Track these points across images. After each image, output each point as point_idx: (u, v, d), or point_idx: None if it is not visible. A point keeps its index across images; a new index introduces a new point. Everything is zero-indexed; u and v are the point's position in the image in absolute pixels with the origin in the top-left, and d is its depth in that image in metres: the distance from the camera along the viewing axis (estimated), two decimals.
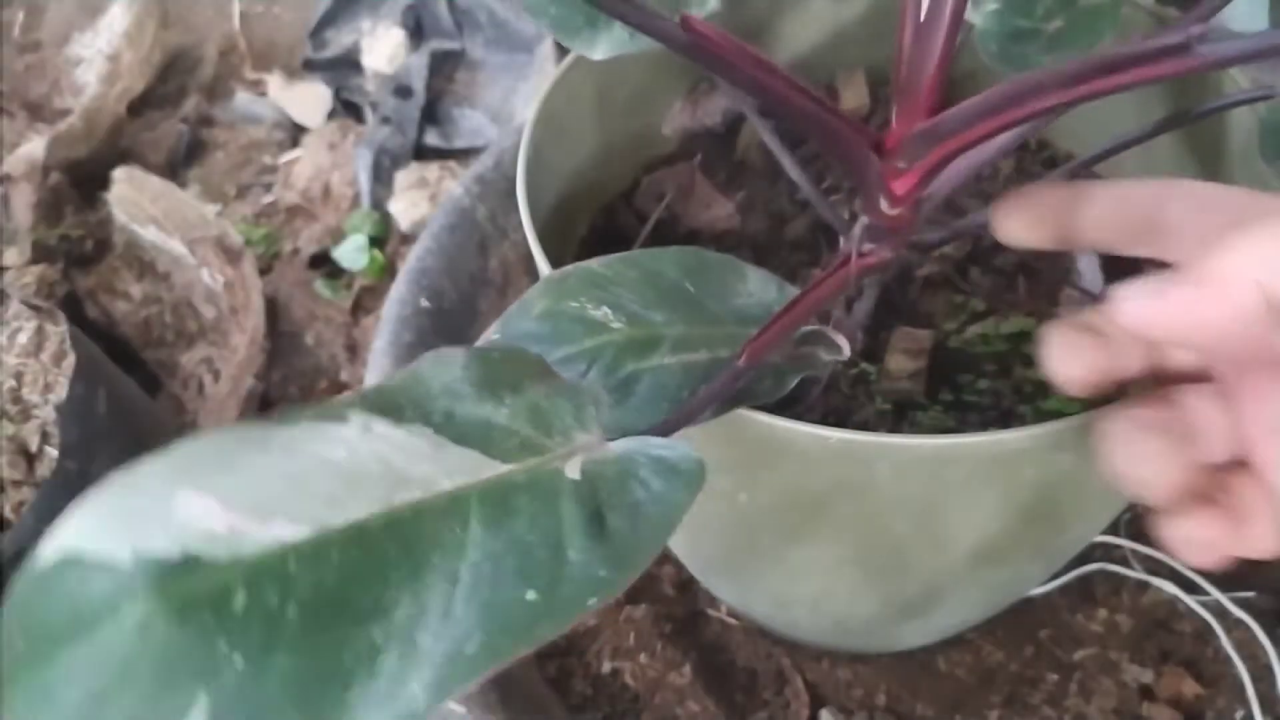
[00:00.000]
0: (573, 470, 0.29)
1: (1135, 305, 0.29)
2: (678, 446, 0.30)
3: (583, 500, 0.28)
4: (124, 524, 0.23)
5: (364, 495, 0.26)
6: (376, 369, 0.66)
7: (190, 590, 0.23)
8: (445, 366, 0.29)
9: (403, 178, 0.97)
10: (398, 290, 0.70)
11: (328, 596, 0.24)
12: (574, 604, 0.26)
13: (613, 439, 0.31)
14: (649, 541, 0.28)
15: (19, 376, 0.66)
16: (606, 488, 0.28)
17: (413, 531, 0.26)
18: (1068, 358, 0.33)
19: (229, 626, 0.23)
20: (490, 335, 0.36)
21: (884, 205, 0.37)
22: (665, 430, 0.32)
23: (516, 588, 0.26)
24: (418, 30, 1.10)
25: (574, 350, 0.35)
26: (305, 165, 1.02)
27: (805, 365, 0.39)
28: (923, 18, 0.36)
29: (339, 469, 0.26)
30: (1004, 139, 0.38)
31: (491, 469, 0.28)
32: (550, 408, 0.30)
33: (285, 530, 0.24)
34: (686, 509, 0.28)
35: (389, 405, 0.28)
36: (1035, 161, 0.59)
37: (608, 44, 0.43)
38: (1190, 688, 0.59)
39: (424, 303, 0.69)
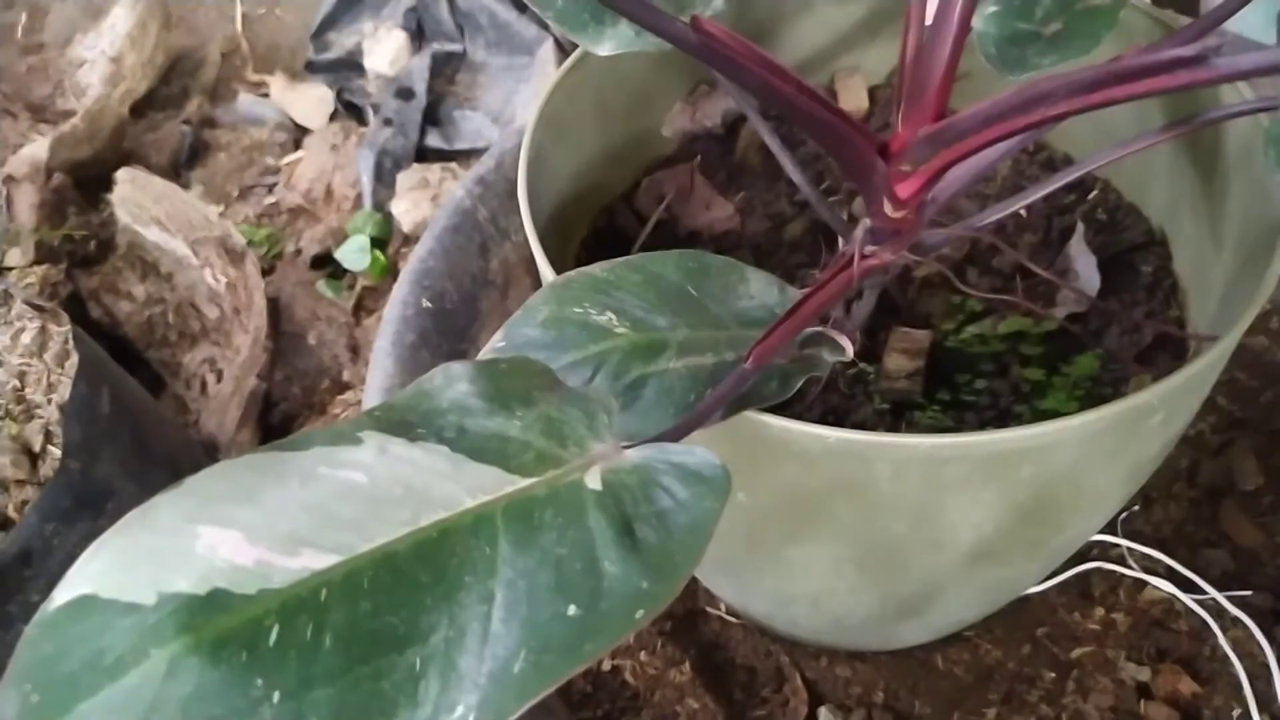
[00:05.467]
0: (593, 481, 0.28)
1: None
2: (697, 452, 0.30)
3: (608, 511, 0.27)
4: (145, 564, 0.23)
5: (389, 519, 0.25)
6: (379, 369, 0.66)
7: (221, 627, 0.22)
8: (453, 381, 0.29)
9: (404, 179, 0.98)
10: (400, 291, 0.70)
11: (363, 625, 0.23)
12: (619, 617, 0.25)
13: (627, 446, 0.30)
14: (684, 551, 0.27)
15: (22, 376, 0.66)
16: (630, 497, 0.28)
17: (442, 553, 0.25)
18: None
19: (264, 662, 0.22)
20: (495, 342, 0.36)
21: (888, 208, 0.38)
22: (677, 435, 0.32)
23: (556, 604, 0.25)
24: (419, 32, 1.10)
25: (579, 356, 0.35)
26: (307, 166, 1.03)
27: (810, 367, 0.39)
28: (928, 22, 0.36)
29: (361, 494, 0.26)
30: (1008, 144, 0.38)
31: (512, 484, 0.28)
32: (562, 418, 0.30)
33: (314, 560, 0.24)
34: (718, 517, 0.28)
35: (400, 423, 0.28)
36: (1033, 164, 0.59)
37: (614, 41, 0.44)
38: (1187, 686, 0.59)
39: (426, 303, 0.69)
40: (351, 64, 1.10)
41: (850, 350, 0.40)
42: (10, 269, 0.86)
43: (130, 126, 1.06)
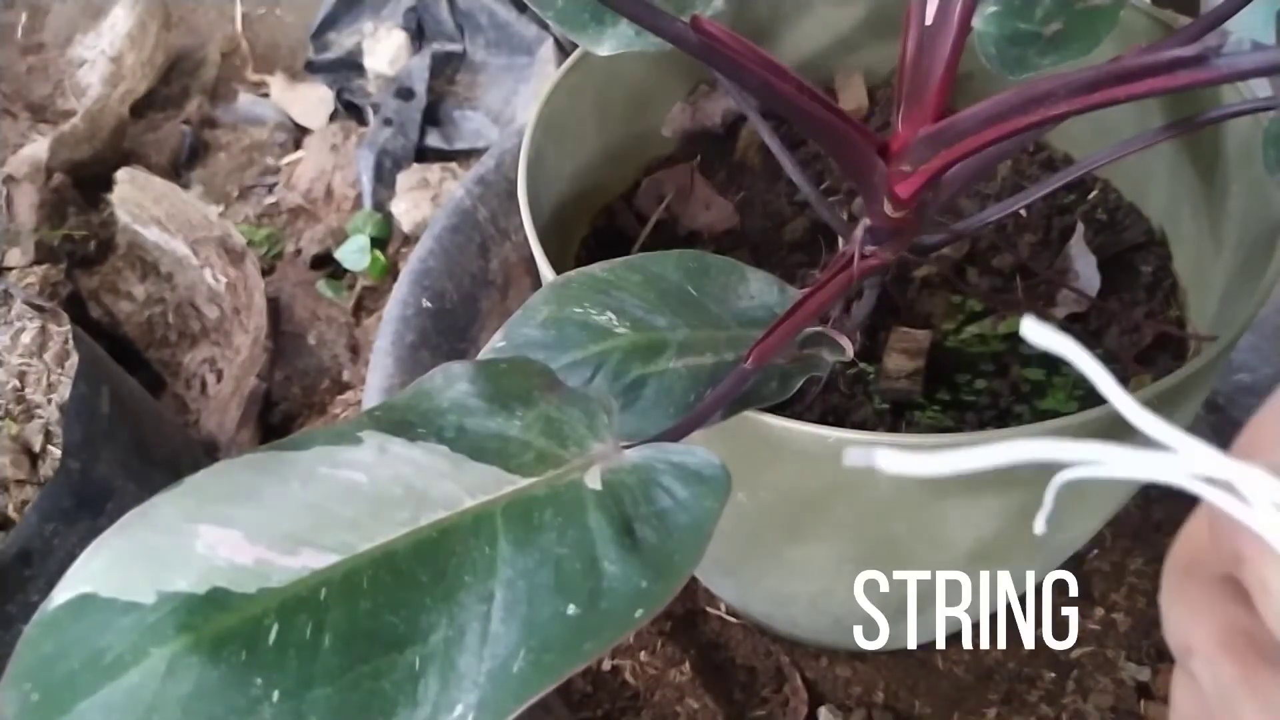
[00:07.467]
0: (593, 480, 0.28)
1: None
2: (697, 452, 0.30)
3: (608, 511, 0.27)
4: (144, 563, 0.23)
5: (389, 519, 0.25)
6: (379, 369, 0.66)
7: (221, 627, 0.22)
8: (453, 381, 0.29)
9: (404, 179, 0.98)
10: (400, 291, 0.70)
11: (362, 624, 0.23)
12: (618, 616, 0.25)
13: (627, 446, 0.30)
14: (684, 550, 0.27)
15: (22, 376, 0.66)
16: (630, 497, 0.28)
17: (442, 552, 0.25)
18: None
19: (264, 662, 0.22)
20: (495, 342, 0.36)
21: (888, 208, 0.38)
22: (677, 435, 0.32)
23: (555, 603, 0.25)
24: (419, 32, 1.10)
25: (579, 356, 0.35)
26: (307, 166, 1.03)
27: (810, 366, 0.39)
28: (929, 22, 0.36)
29: (361, 493, 0.26)
30: (1008, 144, 0.38)
31: (512, 484, 0.27)
32: (562, 418, 0.30)
33: (314, 559, 0.24)
34: (717, 517, 0.28)
35: (400, 423, 0.28)
36: (1033, 164, 0.59)
37: (614, 40, 0.44)
38: None
39: (426, 303, 0.69)
40: (351, 64, 1.10)
41: (850, 350, 0.40)
42: (10, 269, 0.86)
43: (130, 126, 1.06)
